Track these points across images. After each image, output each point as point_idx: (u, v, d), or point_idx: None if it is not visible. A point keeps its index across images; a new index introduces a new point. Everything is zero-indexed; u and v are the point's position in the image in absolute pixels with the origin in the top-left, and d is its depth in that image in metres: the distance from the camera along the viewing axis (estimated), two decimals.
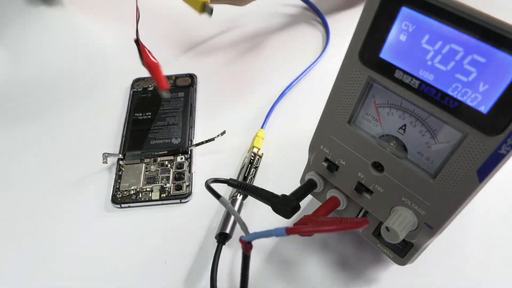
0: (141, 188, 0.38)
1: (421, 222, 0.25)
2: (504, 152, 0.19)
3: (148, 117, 0.43)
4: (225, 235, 0.33)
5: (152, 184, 0.38)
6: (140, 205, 0.37)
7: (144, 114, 0.44)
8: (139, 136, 0.42)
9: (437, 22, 0.19)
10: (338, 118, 0.26)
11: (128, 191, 0.37)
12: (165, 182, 0.38)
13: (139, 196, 0.37)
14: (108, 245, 0.35)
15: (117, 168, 0.39)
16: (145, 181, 0.38)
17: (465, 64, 0.19)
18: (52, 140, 0.43)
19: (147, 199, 0.37)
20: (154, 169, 0.39)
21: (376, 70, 0.23)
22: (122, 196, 0.37)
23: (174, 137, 0.42)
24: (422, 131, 0.23)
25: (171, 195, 0.37)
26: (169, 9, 0.57)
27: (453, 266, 0.33)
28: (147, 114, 0.44)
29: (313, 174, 0.30)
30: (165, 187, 0.38)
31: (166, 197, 0.37)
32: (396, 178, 0.25)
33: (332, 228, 0.23)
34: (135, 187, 0.38)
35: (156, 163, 0.40)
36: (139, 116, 0.43)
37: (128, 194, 0.37)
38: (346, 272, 0.33)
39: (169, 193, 0.37)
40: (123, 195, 0.37)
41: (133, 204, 0.37)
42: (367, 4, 0.22)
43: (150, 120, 0.43)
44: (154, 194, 0.37)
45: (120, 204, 0.37)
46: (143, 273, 0.33)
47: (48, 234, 0.36)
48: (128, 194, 0.37)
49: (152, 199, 0.37)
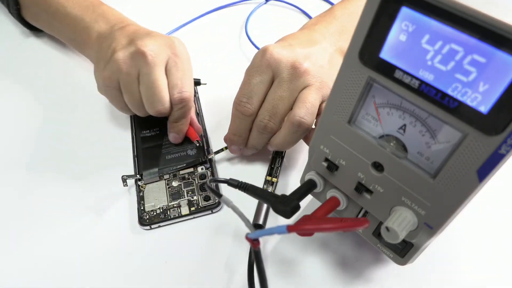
0: (168, 205, 0.36)
1: (421, 222, 0.25)
2: (504, 152, 0.19)
3: (157, 132, 0.42)
4: (259, 226, 0.33)
5: (179, 200, 0.37)
6: (170, 222, 0.36)
7: (152, 130, 0.42)
8: (152, 153, 0.40)
9: (437, 22, 0.19)
10: (338, 118, 0.26)
11: (154, 211, 0.36)
12: (192, 195, 0.37)
13: (168, 214, 0.36)
14: (145, 268, 0.33)
15: (137, 189, 0.38)
16: (170, 198, 0.37)
17: (465, 64, 0.19)
18: (66, 168, 0.40)
19: (177, 215, 0.36)
20: (176, 184, 0.38)
21: (376, 70, 0.23)
22: (150, 217, 0.36)
23: (189, 149, 0.41)
24: (422, 131, 0.23)
25: (201, 207, 0.36)
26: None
27: (453, 266, 0.33)
28: (155, 130, 0.42)
29: (313, 174, 0.30)
30: (192, 200, 0.37)
31: (196, 210, 0.36)
32: (396, 178, 0.25)
33: (332, 227, 0.23)
34: (161, 205, 0.36)
35: (177, 177, 0.39)
36: (147, 133, 0.42)
37: (155, 214, 0.36)
38: (346, 272, 0.33)
39: (199, 205, 0.36)
40: (150, 215, 0.36)
41: (163, 223, 0.36)
42: (367, 4, 0.22)
43: (159, 136, 0.42)
44: (184, 209, 0.36)
45: (150, 225, 0.35)
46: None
47: (81, 265, 0.34)
48: (156, 214, 0.36)
49: (182, 214, 0.36)
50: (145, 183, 0.38)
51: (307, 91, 0.36)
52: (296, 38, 0.39)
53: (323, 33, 0.40)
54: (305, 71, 0.36)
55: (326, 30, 0.40)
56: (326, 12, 0.44)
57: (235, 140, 0.38)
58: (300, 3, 0.60)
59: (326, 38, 0.40)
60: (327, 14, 0.43)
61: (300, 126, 0.35)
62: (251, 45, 0.53)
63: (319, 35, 0.40)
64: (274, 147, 0.38)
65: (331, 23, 0.41)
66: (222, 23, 0.58)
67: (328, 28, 0.41)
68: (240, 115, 0.37)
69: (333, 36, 0.40)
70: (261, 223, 0.34)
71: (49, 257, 0.34)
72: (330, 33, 0.40)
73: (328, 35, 0.40)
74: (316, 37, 0.39)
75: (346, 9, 0.43)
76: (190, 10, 0.58)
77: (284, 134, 0.36)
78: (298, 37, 0.39)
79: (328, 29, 0.41)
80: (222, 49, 0.53)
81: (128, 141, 0.42)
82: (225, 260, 0.34)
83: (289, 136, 0.36)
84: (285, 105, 0.36)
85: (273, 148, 0.39)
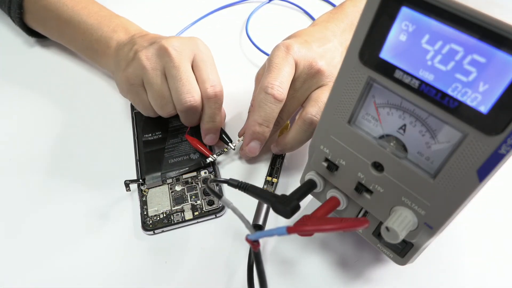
0: (171, 210, 0.36)
1: (421, 222, 0.25)
2: (504, 152, 0.19)
3: (159, 136, 0.42)
4: (259, 226, 0.33)
5: (182, 204, 0.36)
6: (174, 227, 0.35)
7: (154, 134, 0.42)
8: (154, 157, 0.40)
9: (437, 22, 0.19)
10: (338, 118, 0.26)
11: (157, 216, 0.36)
12: (195, 200, 0.37)
13: (172, 219, 0.35)
14: (148, 273, 0.33)
15: (140, 194, 0.37)
16: (174, 202, 0.37)
17: (465, 64, 0.19)
18: (69, 173, 0.40)
19: (181, 220, 0.35)
20: (179, 188, 0.38)
21: (376, 70, 0.23)
22: (153, 222, 0.35)
23: (191, 153, 0.40)
24: (422, 131, 0.23)
25: (204, 211, 0.36)
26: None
27: (453, 266, 0.33)
28: (157, 134, 0.42)
29: (313, 174, 0.30)
30: (196, 204, 0.36)
31: (200, 214, 0.36)
32: (396, 178, 0.25)
33: (332, 227, 0.23)
34: (164, 210, 0.36)
35: (180, 182, 0.38)
36: (149, 137, 0.42)
37: (158, 218, 0.35)
38: (346, 272, 0.33)
39: (202, 210, 0.36)
40: (154, 220, 0.35)
41: (167, 228, 0.35)
42: (367, 4, 0.22)
43: (162, 139, 0.41)
44: (187, 214, 0.36)
45: (153, 230, 0.35)
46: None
47: (84, 272, 0.33)
48: (159, 218, 0.35)
49: (186, 219, 0.35)
50: (148, 187, 0.38)
51: (320, 90, 0.36)
52: (310, 35, 0.38)
53: (334, 31, 0.40)
54: (320, 71, 0.36)
55: (337, 28, 0.40)
56: (337, 8, 0.43)
57: (261, 131, 0.36)
58: (302, 3, 0.60)
59: (337, 36, 0.40)
60: (338, 11, 0.43)
61: (312, 125, 0.35)
62: (252, 45, 0.53)
63: (330, 33, 0.40)
64: (282, 146, 0.38)
65: (342, 21, 0.41)
66: (223, 23, 0.58)
67: (339, 26, 0.41)
68: (271, 99, 0.35)
69: (344, 34, 0.40)
70: (261, 224, 0.34)
71: (51, 262, 0.34)
72: (341, 31, 0.40)
73: (339, 33, 0.40)
74: (328, 35, 0.39)
75: (356, 7, 0.43)
76: (192, 12, 0.59)
77: (295, 132, 0.37)
78: (312, 34, 0.39)
79: (339, 27, 0.41)
80: (223, 49, 0.53)
81: (130, 146, 0.42)
82: (225, 261, 0.34)
83: (300, 135, 0.36)
84: (295, 104, 0.37)
85: (280, 148, 0.38)
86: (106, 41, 0.44)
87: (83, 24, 0.45)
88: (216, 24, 0.58)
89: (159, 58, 0.37)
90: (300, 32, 0.39)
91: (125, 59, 0.39)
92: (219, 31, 0.56)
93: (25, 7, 0.49)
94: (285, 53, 0.35)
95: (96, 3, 0.48)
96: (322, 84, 0.36)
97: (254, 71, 0.42)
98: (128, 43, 0.41)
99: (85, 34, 0.45)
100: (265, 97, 0.35)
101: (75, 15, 0.46)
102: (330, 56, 0.37)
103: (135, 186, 0.38)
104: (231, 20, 0.58)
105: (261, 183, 0.39)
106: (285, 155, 0.41)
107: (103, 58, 0.45)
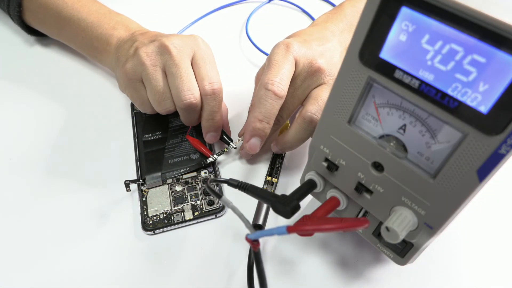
0: (171, 210, 0.36)
1: (421, 222, 0.25)
2: (504, 152, 0.19)
3: (159, 136, 0.42)
4: (259, 226, 0.34)
5: (182, 204, 0.36)
6: (174, 228, 0.35)
7: (154, 134, 0.42)
8: (155, 157, 0.40)
9: (437, 22, 0.19)
10: (338, 118, 0.26)
11: (157, 216, 0.36)
12: (195, 200, 0.37)
13: (172, 219, 0.35)
14: (148, 273, 0.33)
15: (140, 194, 0.37)
16: (174, 202, 0.37)
17: (465, 64, 0.19)
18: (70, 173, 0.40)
19: (181, 220, 0.35)
20: (179, 188, 0.38)
21: (376, 70, 0.23)
22: (153, 222, 0.35)
23: (192, 153, 0.40)
24: (422, 131, 0.23)
25: (204, 211, 0.36)
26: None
27: (453, 266, 0.33)
28: (157, 134, 0.42)
29: (313, 174, 0.30)
30: (196, 204, 0.36)
31: (200, 214, 0.36)
32: (396, 178, 0.25)
33: (332, 227, 0.23)
34: (165, 210, 0.36)
35: (180, 182, 0.38)
36: (149, 137, 0.42)
37: (158, 219, 0.35)
38: (346, 272, 0.33)
39: (202, 210, 0.36)
40: (154, 220, 0.35)
41: (167, 228, 0.35)
42: (367, 4, 0.22)
43: (162, 139, 0.41)
44: (187, 214, 0.36)
45: (153, 230, 0.35)
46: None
47: (84, 272, 0.33)
48: (159, 218, 0.35)
49: (186, 219, 0.35)
50: (148, 187, 0.38)
51: (320, 89, 0.36)
52: (309, 35, 0.39)
53: (333, 31, 0.40)
54: (320, 70, 0.36)
55: (336, 28, 0.41)
56: (336, 9, 0.44)
57: (261, 127, 0.36)
58: (302, 3, 0.60)
59: (336, 36, 0.40)
60: (337, 12, 0.43)
61: (311, 123, 0.35)
62: (251, 45, 0.53)
63: (330, 33, 0.40)
64: (282, 145, 0.38)
65: (341, 21, 0.41)
66: (222, 23, 0.58)
67: (338, 26, 0.41)
68: (271, 95, 0.35)
69: (343, 34, 0.40)
70: (260, 223, 0.34)
71: (51, 262, 0.34)
72: (340, 31, 0.41)
73: (338, 33, 0.40)
74: (327, 34, 0.39)
75: (355, 7, 0.43)
76: (192, 11, 0.58)
77: (295, 130, 0.37)
78: (312, 33, 0.39)
79: (338, 27, 0.41)
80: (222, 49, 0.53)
81: (130, 145, 0.41)
82: (225, 261, 0.34)
83: (300, 133, 0.36)
84: (295, 102, 0.37)
85: (280, 147, 0.38)
86: (106, 39, 0.44)
87: (83, 21, 0.45)
88: (216, 24, 0.58)
89: (159, 56, 0.37)
90: (299, 32, 0.39)
91: (125, 55, 0.39)
92: (219, 31, 0.56)
93: (24, 5, 0.49)
94: (285, 51, 0.35)
95: (95, 1, 0.48)
96: (322, 83, 0.36)
97: (254, 71, 0.42)
98: (128, 40, 0.41)
99: (85, 32, 0.45)
100: (266, 93, 0.35)
101: (75, 13, 0.46)
102: (330, 55, 0.37)
103: (135, 186, 0.38)
104: (231, 19, 0.58)
105: (261, 183, 0.39)
106: (285, 155, 0.41)
107: (104, 56, 0.45)
